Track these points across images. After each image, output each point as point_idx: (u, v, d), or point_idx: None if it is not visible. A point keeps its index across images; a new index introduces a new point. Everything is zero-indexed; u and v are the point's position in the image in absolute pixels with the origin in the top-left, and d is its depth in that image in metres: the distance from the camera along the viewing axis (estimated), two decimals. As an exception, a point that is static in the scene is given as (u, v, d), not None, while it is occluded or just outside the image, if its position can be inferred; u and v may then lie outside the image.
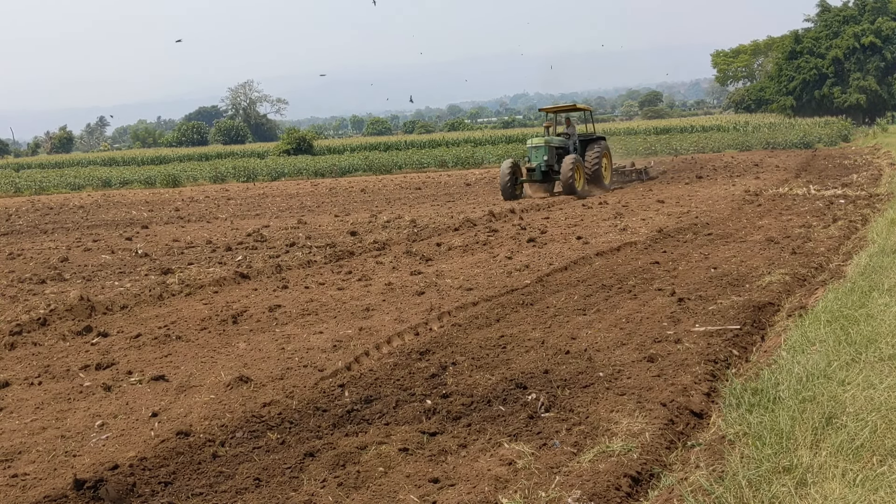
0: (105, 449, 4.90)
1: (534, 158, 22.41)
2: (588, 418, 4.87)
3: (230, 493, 4.19)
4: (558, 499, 3.86)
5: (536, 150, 22.58)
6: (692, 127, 57.21)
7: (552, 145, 22.43)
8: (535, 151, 22.58)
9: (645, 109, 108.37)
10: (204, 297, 9.73)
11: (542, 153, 22.20)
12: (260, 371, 6.35)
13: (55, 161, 68.78)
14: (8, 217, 24.87)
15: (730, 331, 6.56)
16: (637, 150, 42.00)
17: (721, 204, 16.34)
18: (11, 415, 5.70)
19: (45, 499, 4.15)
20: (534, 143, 22.95)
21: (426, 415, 5.14)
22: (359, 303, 8.81)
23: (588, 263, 10.33)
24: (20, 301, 10.12)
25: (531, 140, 23.12)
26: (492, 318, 7.60)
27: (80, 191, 40.20)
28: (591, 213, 16.47)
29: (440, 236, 14.69)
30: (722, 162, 31.25)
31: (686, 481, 3.89)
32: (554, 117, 25.64)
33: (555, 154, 22.33)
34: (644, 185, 23.52)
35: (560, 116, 25.43)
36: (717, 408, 4.93)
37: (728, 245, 10.95)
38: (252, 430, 5.02)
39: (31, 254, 15.17)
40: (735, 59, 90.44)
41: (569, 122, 24.34)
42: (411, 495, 4.03)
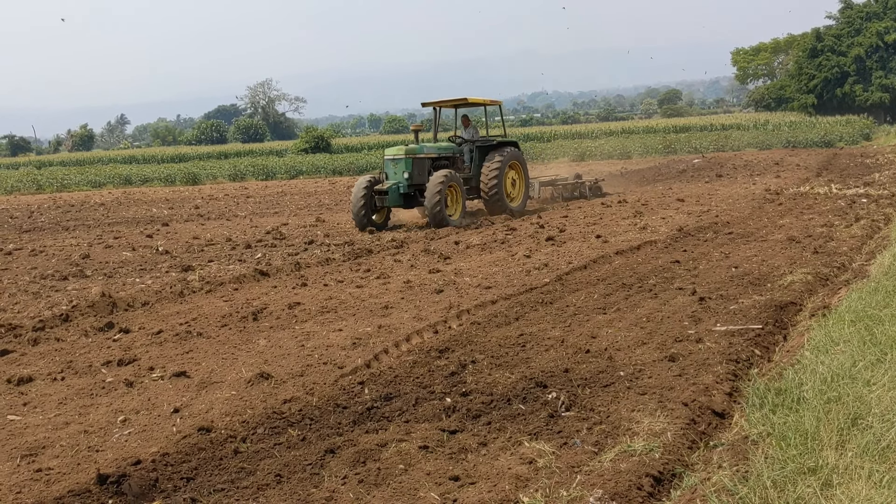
0: (127, 444, 4.94)
1: (392, 176, 16.46)
2: (609, 417, 4.84)
3: (251, 488, 4.20)
4: (580, 498, 3.84)
5: (395, 165, 16.45)
6: (712, 125, 56.91)
7: (419, 156, 16.49)
8: (394, 166, 16.46)
9: (664, 108, 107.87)
10: (224, 294, 9.78)
11: (404, 168, 16.26)
12: (280, 368, 6.37)
13: (76, 159, 69.40)
14: (30, 214, 25.11)
15: (752, 330, 6.51)
16: (656, 149, 41.80)
17: (741, 203, 16.23)
18: (35, 410, 5.75)
19: (69, 493, 4.18)
20: (391, 153, 16.69)
21: (446, 413, 5.13)
22: (377, 300, 8.82)
23: (608, 262, 10.29)
24: (43, 297, 10.21)
25: (389, 150, 16.98)
26: (511, 317, 7.58)
27: (100, 188, 40.52)
28: (610, 211, 16.40)
29: (458, 234, 14.69)
30: (742, 161, 31.04)
31: (709, 481, 3.86)
32: (437, 115, 19.00)
33: (425, 168, 16.55)
34: (664, 184, 23.25)
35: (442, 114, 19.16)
36: (739, 408, 4.89)
37: (749, 244, 10.87)
38: (273, 427, 5.04)
39: (53, 251, 15.31)
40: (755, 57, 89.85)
41: (467, 122, 18.74)
42: (432, 493, 4.03)
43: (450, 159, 17.55)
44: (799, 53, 68.06)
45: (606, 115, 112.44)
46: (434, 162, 16.95)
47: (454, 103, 18.25)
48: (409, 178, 16.20)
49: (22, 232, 19.70)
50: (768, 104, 76.55)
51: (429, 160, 16.76)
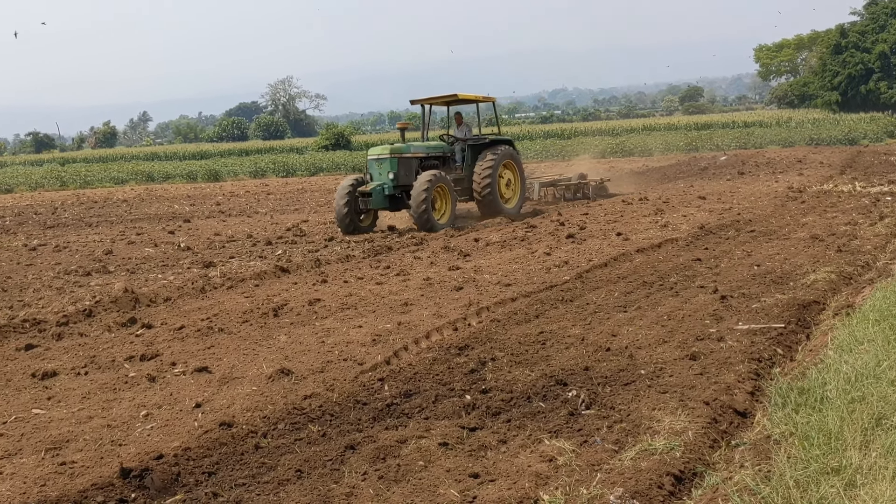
0: (150, 438, 4.98)
1: (376, 177, 15.55)
2: (629, 416, 4.82)
3: (272, 484, 4.22)
4: (600, 496, 3.83)
5: (379, 165, 15.55)
6: (734, 123, 56.50)
7: (405, 156, 15.65)
8: (378, 166, 15.56)
9: (685, 105, 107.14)
10: (245, 290, 9.84)
11: (389, 168, 15.37)
12: (301, 364, 6.40)
13: (99, 156, 70.04)
14: (54, 210, 25.38)
15: (774, 329, 6.45)
16: (678, 146, 41.56)
17: (764, 200, 16.10)
18: (59, 404, 5.81)
19: (93, 486, 4.22)
20: (375, 153, 15.77)
21: (466, 410, 5.13)
22: (397, 297, 8.84)
23: (628, 260, 10.24)
24: (66, 293, 10.32)
25: (373, 150, 16.09)
26: (531, 314, 7.57)
27: (123, 185, 40.90)
28: (630, 209, 16.32)
29: (477, 231, 14.68)
30: (764, 158, 30.77)
31: (731, 481, 3.83)
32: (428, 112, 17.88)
33: (412, 169, 15.67)
34: (685, 182, 23.08)
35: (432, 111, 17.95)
36: (761, 407, 4.86)
37: (771, 242, 10.78)
38: (293, 422, 5.06)
39: (77, 246, 15.46)
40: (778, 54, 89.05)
41: (460, 119, 17.84)
42: (451, 490, 4.03)
43: (440, 159, 16.72)
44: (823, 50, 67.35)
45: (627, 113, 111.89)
46: (423, 162, 16.12)
47: (445, 100, 17.42)
48: (395, 179, 15.32)
49: (46, 228, 19.92)
50: (791, 101, 75.82)
51: (416, 160, 15.95)
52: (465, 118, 18.07)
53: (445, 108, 18.84)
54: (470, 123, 18.45)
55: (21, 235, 18.22)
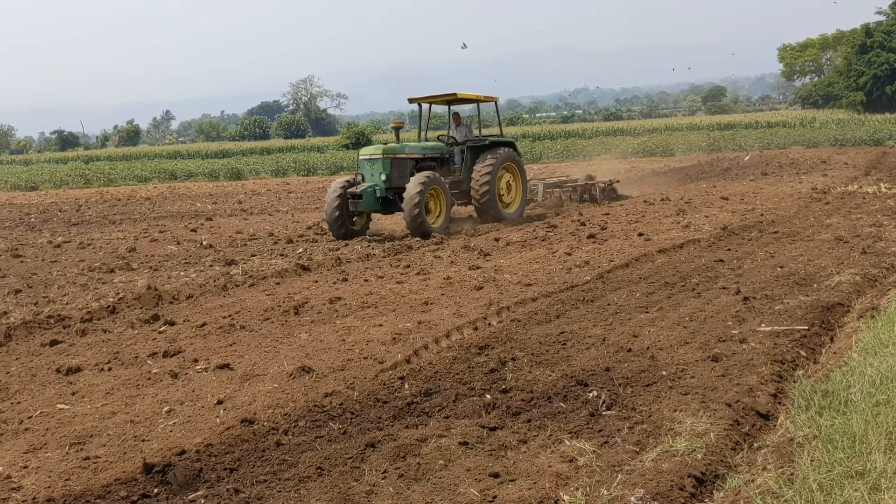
0: (172, 434, 5.02)
1: (368, 178, 14.78)
2: (651, 417, 4.80)
3: (293, 480, 4.25)
4: (621, 497, 3.82)
5: (371, 165, 14.77)
6: (757, 123, 56.00)
7: (399, 157, 14.90)
8: (370, 167, 14.78)
9: (708, 105, 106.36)
10: (266, 288, 9.89)
11: (381, 169, 14.60)
12: (321, 362, 6.42)
13: (123, 154, 70.71)
14: (78, 208, 25.64)
15: (797, 331, 6.40)
16: (700, 146, 41.30)
17: (787, 201, 15.95)
18: (83, 399, 5.88)
19: (116, 481, 4.27)
20: (367, 153, 15.05)
21: (486, 409, 5.13)
22: (417, 296, 8.85)
23: (650, 260, 10.19)
24: (90, 289, 10.43)
25: (364, 149, 15.45)
26: (551, 315, 7.55)
27: (146, 183, 41.23)
28: (652, 209, 16.23)
29: (498, 231, 14.66)
30: (788, 159, 30.50)
31: (753, 483, 3.81)
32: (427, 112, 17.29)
33: (406, 170, 14.92)
34: (707, 182, 22.91)
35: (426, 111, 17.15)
36: (784, 409, 4.82)
37: (795, 243, 10.68)
38: (314, 420, 5.08)
39: (101, 244, 15.62)
40: (802, 54, 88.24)
41: (458, 119, 17.18)
42: (472, 489, 4.03)
43: (437, 160, 15.97)
44: (848, 50, 66.70)
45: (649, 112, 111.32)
46: (418, 163, 15.36)
47: (444, 99, 16.72)
48: (388, 181, 14.53)
49: (70, 225, 20.13)
50: (815, 101, 75.13)
51: (411, 161, 15.17)
52: (464, 118, 17.25)
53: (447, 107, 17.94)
54: (469, 124, 17.68)
55: (46, 233, 18.43)
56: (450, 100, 16.77)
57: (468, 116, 18.75)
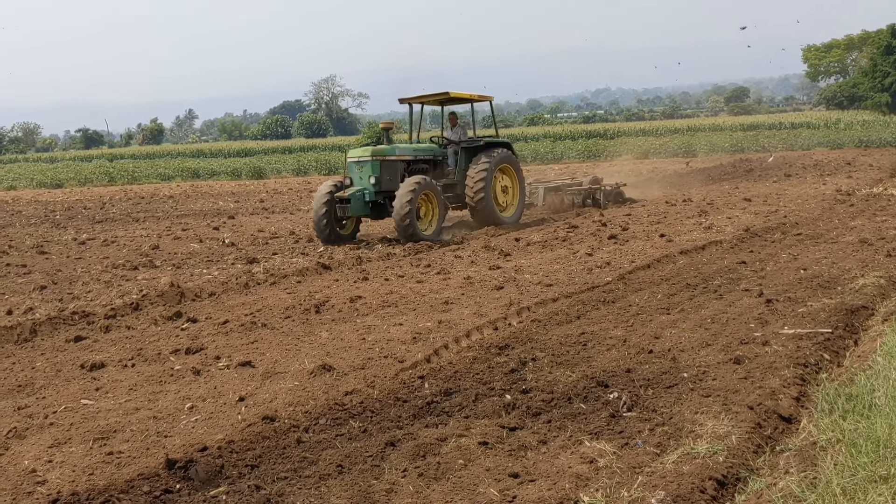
0: (195, 431, 5.06)
1: (357, 181, 14.19)
2: (672, 419, 4.78)
3: (314, 478, 4.27)
4: (641, 499, 3.80)
5: (360, 168, 14.20)
6: (781, 124, 55.47)
7: (389, 159, 14.31)
8: (359, 170, 14.21)
9: (731, 105, 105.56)
10: (288, 286, 9.94)
11: (370, 172, 14.00)
12: (342, 360, 6.45)
13: (147, 152, 71.32)
14: (102, 206, 25.91)
15: (821, 334, 6.34)
16: (723, 147, 41.00)
17: (811, 203, 15.80)
18: (107, 395, 5.94)
19: (139, 476, 4.31)
20: (356, 155, 14.47)
21: (506, 409, 5.13)
22: (438, 296, 8.86)
23: (672, 262, 10.13)
24: (114, 286, 10.54)
25: (353, 151, 14.88)
26: (572, 315, 7.53)
27: (169, 181, 41.57)
28: (674, 210, 16.15)
29: (518, 231, 14.65)
30: (812, 160, 30.22)
31: (775, 487, 3.78)
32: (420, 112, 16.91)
33: (397, 173, 14.35)
34: (730, 183, 22.73)
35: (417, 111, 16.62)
36: (807, 413, 4.77)
37: (818, 246, 10.58)
38: (335, 418, 5.11)
39: (124, 241, 15.78)
40: (827, 54, 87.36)
41: (454, 120, 16.47)
42: (491, 489, 4.03)
43: (430, 163, 15.33)
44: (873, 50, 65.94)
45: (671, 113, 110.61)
46: (410, 166, 14.77)
47: (437, 98, 16.10)
48: (377, 184, 13.90)
49: (95, 222, 20.34)
50: (840, 102, 74.35)
51: (402, 163, 14.59)
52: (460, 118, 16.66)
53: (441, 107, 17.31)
54: (465, 124, 16.95)
55: (71, 230, 18.64)
56: (442, 99, 16.21)
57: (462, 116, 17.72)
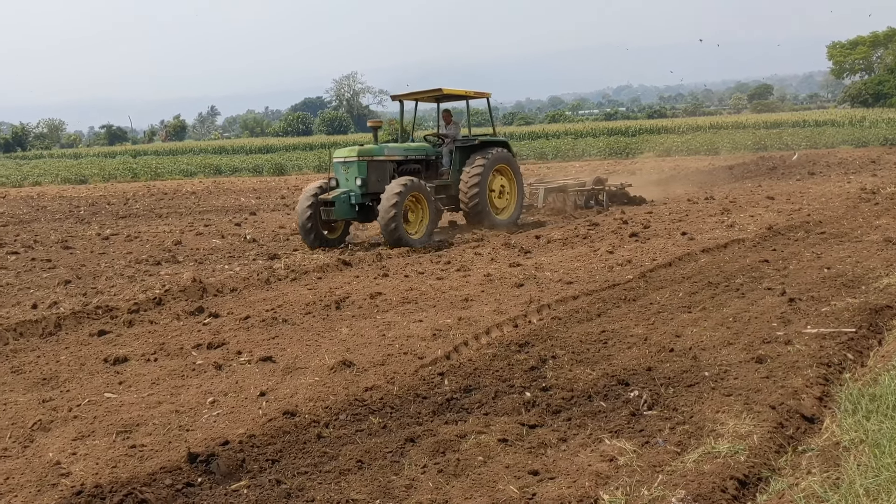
0: (216, 425, 5.10)
1: (343, 183, 13.46)
2: (692, 418, 4.75)
3: (334, 473, 4.29)
4: (661, 498, 3.79)
5: (346, 169, 13.45)
6: (804, 121, 54.91)
7: (377, 159, 13.57)
8: (345, 171, 13.47)
9: (754, 103, 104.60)
10: (308, 282, 9.99)
11: (357, 173, 13.26)
12: (362, 356, 6.47)
13: (169, 149, 71.84)
14: (126, 201, 26.15)
15: (844, 333, 6.28)
16: (745, 145, 40.69)
17: (835, 202, 15.64)
18: (130, 389, 6.00)
19: (161, 470, 4.35)
20: (341, 155, 13.68)
21: (525, 407, 5.13)
22: (457, 293, 8.86)
23: (693, 260, 10.07)
24: (137, 281, 10.63)
25: (339, 151, 13.98)
26: (592, 313, 7.51)
27: (192, 177, 41.87)
28: (696, 208, 16.04)
29: (539, 228, 14.62)
30: (836, 158, 29.92)
31: (797, 487, 3.75)
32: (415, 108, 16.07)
33: (386, 174, 13.62)
34: (753, 181, 22.56)
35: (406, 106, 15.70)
36: (830, 413, 4.73)
37: (842, 244, 10.48)
38: (355, 414, 5.13)
39: (147, 237, 15.91)
40: (852, 51, 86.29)
41: (448, 117, 15.63)
42: (511, 486, 4.04)
43: (423, 163, 14.63)
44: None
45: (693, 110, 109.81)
46: (400, 166, 14.05)
47: (429, 95, 15.28)
48: (364, 186, 13.17)
49: (118, 218, 20.54)
50: (865, 100, 73.44)
51: (391, 164, 13.84)
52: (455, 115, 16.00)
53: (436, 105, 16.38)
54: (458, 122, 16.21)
55: (95, 225, 18.83)
56: (435, 96, 15.43)
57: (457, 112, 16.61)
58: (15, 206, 25.86)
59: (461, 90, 15.47)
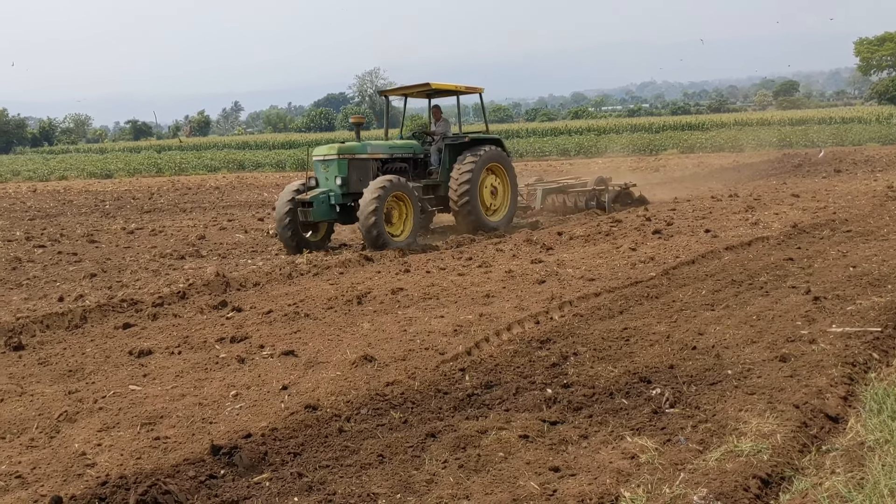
0: (239, 418, 5.14)
1: (323, 182, 12.92)
2: (715, 416, 4.72)
3: (355, 467, 4.31)
4: (683, 496, 3.77)
5: (326, 168, 12.89)
6: (830, 118, 54.34)
7: (359, 157, 13.01)
8: (324, 169, 12.91)
9: (780, 99, 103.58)
10: (330, 277, 10.04)
11: (337, 172, 12.71)
12: (383, 351, 6.49)
13: (193, 144, 72.38)
14: (150, 196, 26.39)
15: (870, 333, 6.20)
16: (770, 142, 40.33)
17: (861, 200, 15.46)
18: (154, 381, 6.06)
19: (185, 461, 4.39)
20: (321, 153, 13.07)
21: (546, 403, 5.12)
22: (479, 289, 8.86)
23: (717, 257, 10.00)
24: (162, 275, 10.74)
25: (318, 149, 13.28)
26: (615, 310, 7.48)
27: (215, 172, 42.19)
28: (720, 205, 15.93)
29: (561, 225, 14.57)
30: (863, 156, 29.57)
31: (821, 487, 3.72)
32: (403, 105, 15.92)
33: (369, 173, 13.04)
34: (778, 179, 22.34)
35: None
36: (855, 412, 4.68)
37: (868, 243, 10.35)
38: (376, 408, 5.15)
39: (172, 231, 16.06)
40: (880, 48, 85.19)
41: (438, 114, 15.15)
42: (531, 482, 4.03)
43: (410, 161, 14.08)
44: (930, 43, 64.14)
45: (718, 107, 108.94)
46: (385, 165, 13.52)
47: (418, 90, 14.72)
48: (345, 185, 12.63)
49: (143, 212, 20.74)
50: (893, 97, 72.50)
51: (375, 162, 13.29)
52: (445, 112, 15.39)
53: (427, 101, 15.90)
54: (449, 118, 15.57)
55: (120, 219, 19.02)
56: (423, 91, 14.80)
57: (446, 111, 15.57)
58: (42, 201, 26.19)
59: (451, 85, 14.81)
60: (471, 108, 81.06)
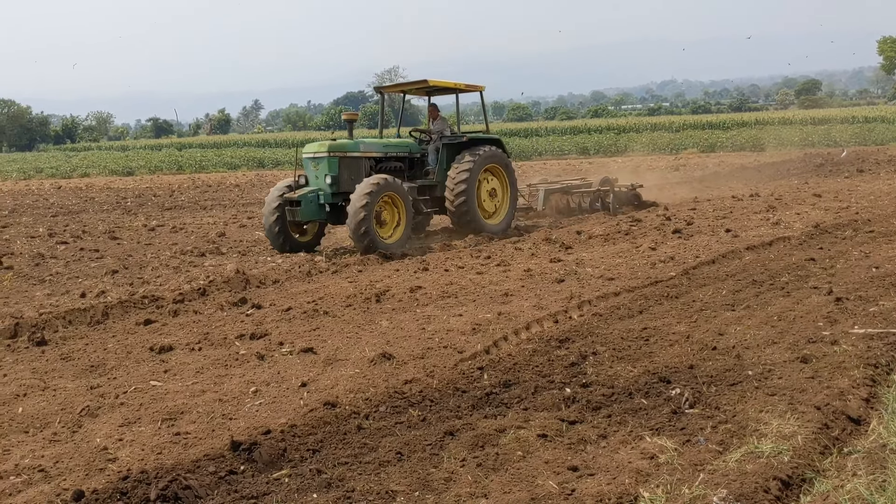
0: (258, 414, 5.17)
1: (312, 181, 12.52)
2: (735, 417, 4.69)
3: (373, 464, 4.32)
4: (702, 496, 3.75)
5: (316, 166, 12.47)
6: (853, 118, 53.79)
7: (350, 155, 12.60)
8: (314, 168, 12.50)
9: (802, 98, 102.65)
10: (349, 275, 10.07)
11: (327, 170, 12.30)
12: (402, 349, 6.50)
13: (214, 142, 72.86)
14: (171, 193, 26.59)
15: (892, 334, 6.14)
16: (792, 142, 40.00)
17: (884, 200, 15.30)
18: (175, 377, 6.11)
19: (205, 457, 4.42)
20: (311, 151, 12.66)
21: (565, 403, 5.11)
22: (497, 287, 8.86)
23: (737, 257, 9.93)
24: (182, 272, 10.81)
25: (308, 146, 12.88)
26: (634, 310, 7.45)
27: (235, 170, 42.44)
28: (741, 205, 15.81)
29: (580, 224, 14.53)
30: (886, 155, 29.26)
31: (842, 489, 3.69)
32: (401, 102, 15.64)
33: (361, 172, 12.59)
34: (799, 178, 22.16)
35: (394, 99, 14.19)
36: (877, 414, 4.64)
37: (892, 244, 10.24)
38: (394, 406, 5.16)
39: (192, 228, 16.18)
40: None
41: (435, 112, 14.80)
42: (550, 481, 4.03)
43: (405, 161, 13.64)
44: (955, 41, 63.37)
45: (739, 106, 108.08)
46: (379, 164, 13.09)
47: (415, 88, 14.35)
48: (335, 184, 12.23)
49: (164, 210, 20.90)
50: (918, 96, 71.74)
51: (368, 161, 12.84)
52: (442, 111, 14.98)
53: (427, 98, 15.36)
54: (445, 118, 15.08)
55: (141, 216, 19.18)
56: (420, 88, 14.31)
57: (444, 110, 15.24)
58: (64, 197, 26.46)
59: (450, 82, 14.27)
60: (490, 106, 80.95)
